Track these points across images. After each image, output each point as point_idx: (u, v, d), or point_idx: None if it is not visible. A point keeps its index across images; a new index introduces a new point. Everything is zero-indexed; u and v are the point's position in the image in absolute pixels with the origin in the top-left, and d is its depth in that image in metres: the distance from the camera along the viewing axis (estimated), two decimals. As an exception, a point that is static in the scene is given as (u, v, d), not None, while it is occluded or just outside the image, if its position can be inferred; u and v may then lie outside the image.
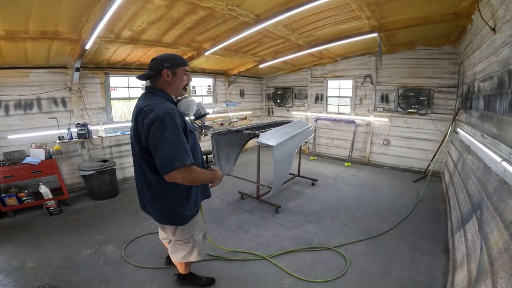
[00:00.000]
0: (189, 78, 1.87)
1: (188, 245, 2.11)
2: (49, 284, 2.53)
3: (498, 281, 1.44)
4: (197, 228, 2.13)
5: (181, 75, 1.80)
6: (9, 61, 3.86)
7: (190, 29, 3.88)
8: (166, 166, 1.50)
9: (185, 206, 1.89)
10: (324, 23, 4.11)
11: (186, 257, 2.16)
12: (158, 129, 1.53)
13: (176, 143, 1.53)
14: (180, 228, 2.01)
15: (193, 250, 2.14)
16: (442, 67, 5.44)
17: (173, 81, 1.77)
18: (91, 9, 2.88)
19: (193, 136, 1.86)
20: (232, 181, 5.15)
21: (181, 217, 1.91)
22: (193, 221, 2.03)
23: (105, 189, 4.57)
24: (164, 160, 1.51)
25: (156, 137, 1.53)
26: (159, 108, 1.58)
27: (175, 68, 1.75)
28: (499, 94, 2.34)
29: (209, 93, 7.36)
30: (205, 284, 2.50)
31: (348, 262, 2.85)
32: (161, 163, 1.52)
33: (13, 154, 3.97)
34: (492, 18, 2.56)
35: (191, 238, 2.09)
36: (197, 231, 2.14)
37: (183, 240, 2.08)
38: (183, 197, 1.87)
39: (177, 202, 1.86)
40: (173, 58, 1.76)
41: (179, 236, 2.06)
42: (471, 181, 2.92)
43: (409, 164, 6.23)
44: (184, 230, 2.04)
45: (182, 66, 1.78)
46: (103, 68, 4.93)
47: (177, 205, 1.87)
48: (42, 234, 3.47)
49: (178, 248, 2.14)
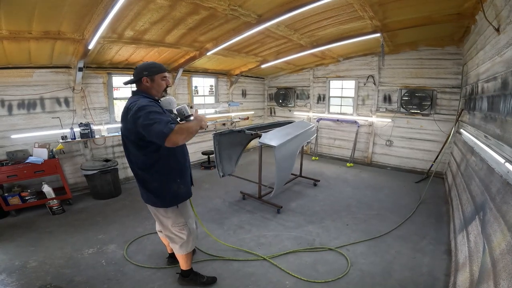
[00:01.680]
0: (168, 82, 2.11)
1: (184, 232, 2.25)
2: (51, 283, 2.54)
3: (500, 282, 1.44)
4: (190, 216, 2.32)
5: (159, 81, 2.04)
6: (13, 61, 3.89)
7: (193, 29, 3.88)
8: (161, 137, 1.69)
9: (179, 185, 2.13)
10: (327, 23, 4.10)
11: (183, 247, 2.30)
12: (143, 114, 1.77)
13: (159, 118, 1.75)
14: (174, 213, 2.19)
15: (189, 239, 2.29)
16: (445, 67, 5.41)
17: (153, 86, 2.03)
18: (94, 9, 2.89)
19: None
20: (233, 181, 5.16)
21: (176, 194, 2.14)
22: (184, 207, 2.25)
23: (107, 189, 4.59)
24: (157, 133, 1.70)
25: (143, 119, 1.76)
26: (141, 101, 1.86)
27: (153, 75, 2.01)
28: (503, 95, 2.32)
29: (211, 93, 7.36)
30: (207, 282, 2.53)
31: (350, 263, 2.84)
32: (157, 136, 1.71)
33: (16, 154, 3.99)
34: (496, 19, 2.54)
35: (185, 225, 2.25)
36: (191, 219, 2.32)
37: (179, 225, 2.23)
38: (177, 176, 2.13)
39: (172, 181, 2.11)
40: (151, 67, 2.01)
41: (175, 223, 2.22)
42: (474, 182, 2.90)
43: (411, 165, 6.20)
44: (177, 215, 2.21)
45: (159, 73, 2.03)
46: (106, 68, 4.95)
47: (173, 183, 2.11)
48: (45, 233, 3.49)
49: (175, 236, 2.26)
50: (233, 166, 4.91)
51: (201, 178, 5.72)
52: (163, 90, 2.09)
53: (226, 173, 4.76)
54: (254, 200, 4.49)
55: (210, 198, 4.62)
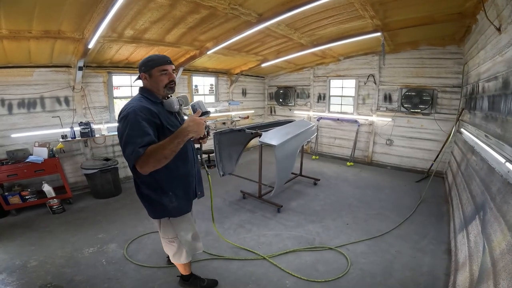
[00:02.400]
0: (170, 76, 1.83)
1: (174, 244, 2.08)
2: (52, 283, 2.55)
3: (500, 282, 1.44)
4: (184, 229, 2.07)
5: (157, 76, 1.79)
6: (13, 60, 3.89)
7: (193, 28, 3.87)
8: (129, 162, 1.54)
9: (171, 198, 1.88)
10: (327, 22, 4.09)
11: (175, 257, 2.15)
12: (122, 127, 1.61)
13: (133, 139, 1.54)
14: (163, 225, 2.00)
15: (181, 251, 2.11)
16: (446, 67, 5.40)
17: (151, 82, 1.81)
18: (94, 8, 2.88)
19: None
20: (234, 180, 5.16)
21: (168, 210, 1.91)
22: (179, 220, 2.01)
23: (107, 188, 4.60)
24: (126, 157, 1.55)
25: (119, 135, 1.61)
26: (128, 107, 1.65)
27: (150, 70, 1.78)
28: (504, 94, 2.32)
29: (211, 92, 7.36)
30: (207, 286, 2.47)
31: (350, 262, 2.84)
32: (126, 160, 1.56)
33: (17, 153, 3.99)
34: (497, 18, 2.53)
35: (175, 238, 2.05)
36: (184, 232, 2.07)
37: (168, 238, 2.06)
38: (169, 188, 1.88)
39: (162, 193, 1.86)
40: (147, 61, 1.79)
41: (163, 233, 2.06)
42: (474, 182, 2.90)
43: (412, 164, 6.20)
44: (167, 228, 2.02)
45: (157, 67, 1.77)
46: (106, 67, 4.95)
47: (163, 196, 1.87)
48: (45, 232, 3.49)
49: (166, 246, 2.14)
50: (233, 165, 4.91)
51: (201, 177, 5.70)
52: (165, 86, 1.82)
53: (227, 172, 4.76)
54: (255, 199, 4.49)
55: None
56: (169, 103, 1.85)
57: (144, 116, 1.62)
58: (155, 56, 1.81)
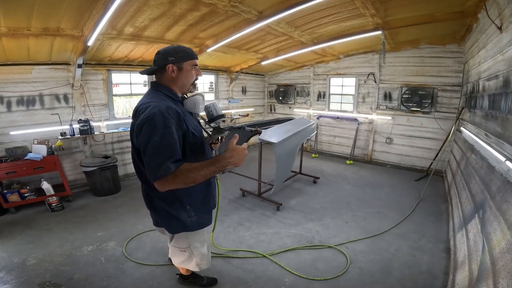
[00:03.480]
0: (199, 72, 1.63)
1: (185, 254, 1.92)
2: (51, 281, 2.54)
3: (499, 281, 1.44)
4: (199, 240, 1.89)
5: (188, 70, 1.57)
6: (12, 57, 3.87)
7: (193, 25, 3.86)
8: (152, 175, 1.35)
9: (189, 213, 1.70)
10: (328, 20, 4.07)
11: (184, 263, 2.00)
12: (146, 132, 1.35)
13: (163, 149, 1.34)
14: (177, 236, 1.85)
15: (191, 259, 1.94)
16: (446, 65, 5.39)
17: (179, 77, 1.56)
18: (94, 5, 2.87)
19: (200, 139, 1.65)
20: (233, 178, 5.16)
21: (187, 225, 1.73)
22: (196, 232, 1.83)
23: (107, 186, 4.59)
24: (150, 169, 1.35)
25: (144, 140, 1.36)
26: (152, 107, 1.38)
27: (181, 62, 1.53)
28: (504, 93, 2.32)
29: (211, 90, 7.34)
30: (207, 284, 2.47)
31: (349, 261, 2.84)
32: (148, 171, 1.37)
33: (16, 150, 3.98)
34: (499, 17, 2.53)
35: (188, 248, 1.88)
36: (199, 243, 1.89)
37: (179, 248, 1.91)
38: (187, 202, 1.68)
39: (181, 207, 1.67)
40: (180, 51, 1.53)
41: (175, 243, 1.91)
42: (474, 181, 2.90)
43: (411, 163, 6.20)
44: (181, 239, 1.86)
45: (190, 59, 1.56)
46: (105, 64, 4.92)
47: (182, 210, 1.68)
48: (44, 230, 3.49)
49: (175, 253, 1.99)
50: (233, 163, 4.89)
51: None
52: (192, 84, 1.63)
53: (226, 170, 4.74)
54: (254, 197, 4.49)
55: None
56: (193, 102, 1.63)
57: (172, 121, 1.39)
58: (186, 48, 1.58)
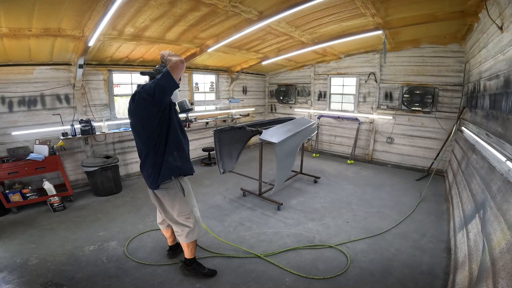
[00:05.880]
0: None
1: (190, 221, 2.37)
2: (52, 280, 2.56)
3: (499, 281, 1.44)
4: (195, 205, 2.49)
5: None
6: (13, 58, 3.88)
7: (193, 26, 3.86)
8: (165, 72, 1.97)
9: (175, 157, 2.23)
10: (328, 20, 4.07)
11: (189, 234, 2.40)
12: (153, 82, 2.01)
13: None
14: (180, 203, 2.31)
15: (195, 228, 2.41)
16: (447, 65, 5.38)
17: None
18: (94, 6, 2.87)
19: (176, 115, 2.30)
20: (234, 178, 5.17)
21: (173, 167, 2.23)
22: (189, 194, 2.41)
23: (108, 185, 4.61)
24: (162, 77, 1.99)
25: (149, 85, 2.01)
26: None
27: None
28: (505, 93, 2.32)
29: (212, 90, 7.35)
30: (207, 273, 2.61)
31: (349, 260, 2.85)
32: (160, 81, 1.96)
33: (17, 151, 4.00)
34: (499, 17, 2.52)
35: (191, 214, 2.38)
36: (195, 208, 2.48)
37: (185, 215, 2.35)
38: (174, 149, 2.23)
39: (169, 153, 2.20)
40: None
41: (180, 211, 2.33)
42: (474, 180, 2.90)
43: (412, 163, 6.19)
44: (184, 205, 2.34)
45: None
46: (106, 65, 4.94)
47: (169, 156, 2.21)
48: (46, 230, 3.50)
49: (179, 226, 2.38)
50: (233, 162, 4.91)
51: (202, 174, 5.73)
52: None
53: (227, 169, 4.76)
54: (255, 197, 4.49)
55: (211, 195, 4.63)
56: (175, 94, 2.25)
57: None
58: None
